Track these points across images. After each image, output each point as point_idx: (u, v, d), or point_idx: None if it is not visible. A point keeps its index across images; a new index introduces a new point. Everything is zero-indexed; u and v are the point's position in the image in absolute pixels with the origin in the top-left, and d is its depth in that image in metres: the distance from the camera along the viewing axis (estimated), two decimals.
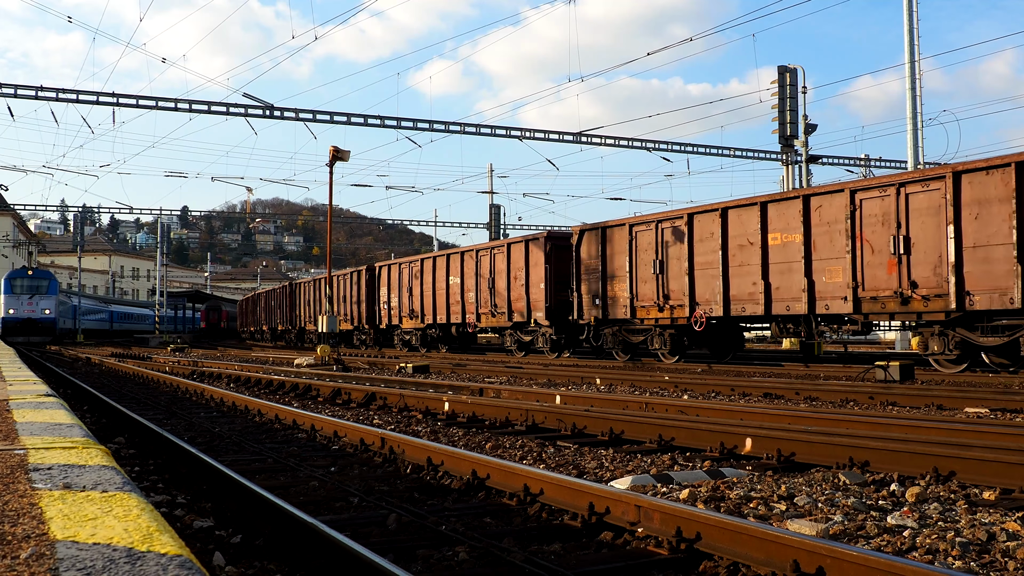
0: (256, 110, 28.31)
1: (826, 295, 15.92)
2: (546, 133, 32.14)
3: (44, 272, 54.45)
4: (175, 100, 27.90)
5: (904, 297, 14.64)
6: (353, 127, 36.07)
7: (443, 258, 27.97)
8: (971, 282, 13.72)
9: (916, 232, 14.54)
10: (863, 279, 15.33)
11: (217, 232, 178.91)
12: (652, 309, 19.58)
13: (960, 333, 14.12)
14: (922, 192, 14.48)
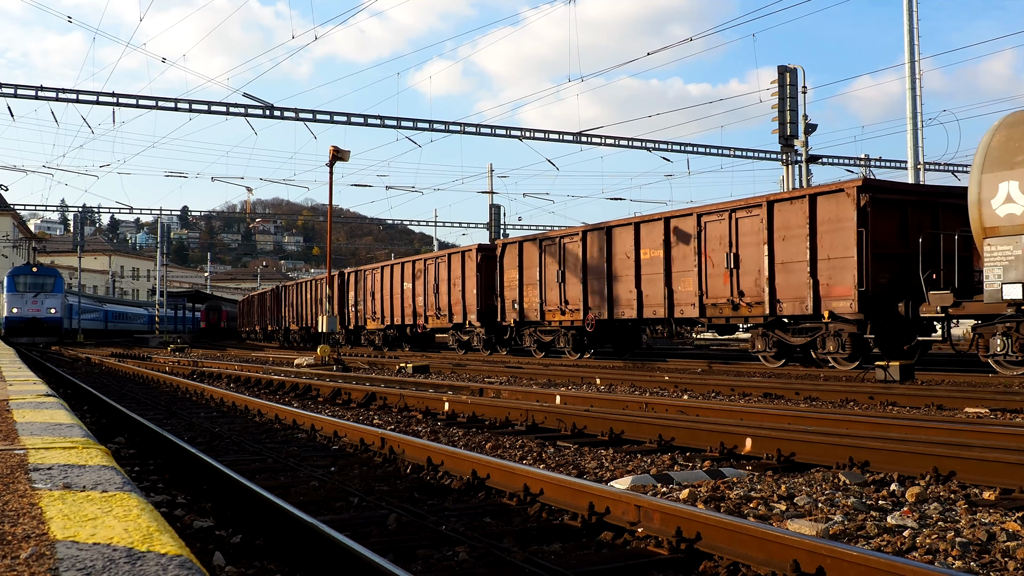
0: (256, 110, 28.32)
1: (681, 302, 18.79)
2: (546, 133, 32.15)
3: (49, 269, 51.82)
4: (175, 100, 27.91)
5: (735, 304, 17.48)
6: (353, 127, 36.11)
7: (399, 266, 31.17)
8: (780, 292, 16.47)
9: (743, 250, 17.30)
10: (707, 289, 18.10)
11: (217, 232, 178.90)
12: (556, 313, 22.60)
13: (777, 334, 16.88)
14: (747, 217, 17.16)
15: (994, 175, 13.19)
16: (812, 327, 16.03)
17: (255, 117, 28.35)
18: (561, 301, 22.28)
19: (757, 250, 16.85)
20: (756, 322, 17.25)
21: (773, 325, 16.90)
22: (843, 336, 15.45)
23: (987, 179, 13.24)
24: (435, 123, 30.76)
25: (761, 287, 16.71)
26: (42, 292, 48.17)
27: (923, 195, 16.23)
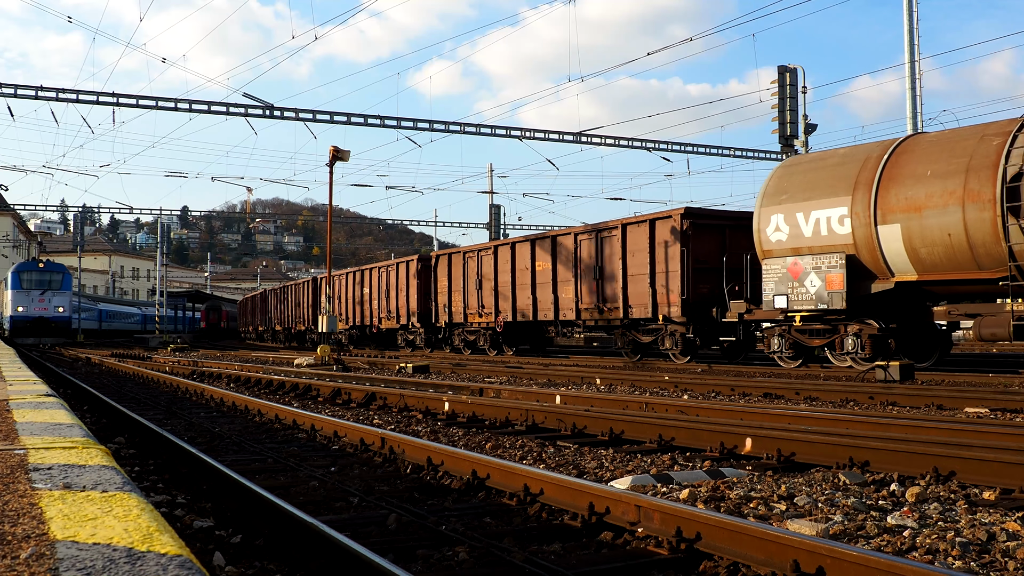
0: (256, 110, 28.30)
1: (564, 307, 22.20)
2: (546, 133, 32.13)
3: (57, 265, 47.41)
4: (175, 100, 27.89)
5: (600, 309, 20.82)
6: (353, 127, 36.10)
7: (359, 272, 34.92)
8: (631, 300, 19.74)
9: (606, 265, 20.63)
10: (581, 296, 21.47)
11: (217, 232, 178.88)
12: (475, 316, 26.05)
13: (632, 334, 20.33)
14: (608, 237, 20.53)
15: (768, 209, 16.51)
16: (655, 328, 19.47)
17: (255, 117, 28.35)
18: (479, 305, 25.81)
19: (616, 265, 20.16)
20: (615, 324, 20.65)
21: (629, 326, 20.29)
22: (676, 335, 18.86)
23: (763, 212, 16.57)
24: (435, 123, 30.75)
25: (618, 295, 20.04)
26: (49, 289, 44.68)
27: (737, 219, 19.00)
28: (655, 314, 18.99)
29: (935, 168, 14.12)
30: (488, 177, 48.09)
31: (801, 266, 15.76)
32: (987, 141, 13.70)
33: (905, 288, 14.87)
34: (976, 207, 13.41)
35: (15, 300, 44.28)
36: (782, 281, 16.06)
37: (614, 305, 20.19)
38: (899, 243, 14.52)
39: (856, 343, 15.38)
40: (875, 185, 14.77)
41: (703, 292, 18.30)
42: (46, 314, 44.29)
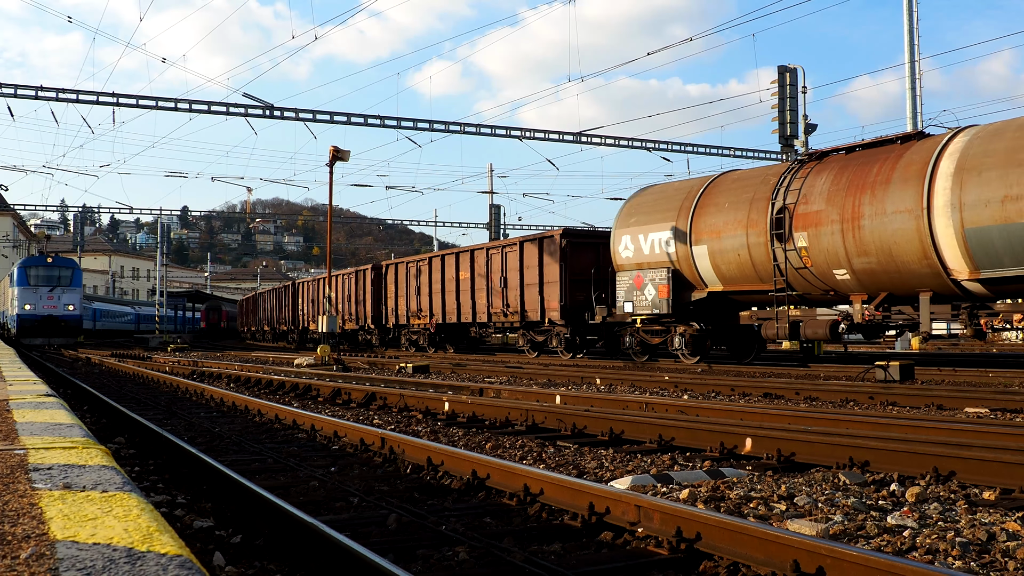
0: (256, 110, 28.29)
1: (480, 311, 25.31)
2: (546, 133, 32.13)
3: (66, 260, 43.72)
4: (175, 100, 27.88)
5: (505, 313, 24.02)
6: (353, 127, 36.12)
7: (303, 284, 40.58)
8: (527, 305, 23.06)
9: (509, 276, 23.82)
10: (491, 302, 24.65)
11: (217, 232, 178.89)
12: (415, 318, 29.43)
13: (530, 334, 23.77)
14: (511, 252, 23.86)
15: (620, 231, 19.93)
16: (545, 329, 22.92)
17: (255, 117, 28.33)
18: (417, 309, 29.17)
19: (515, 276, 23.45)
20: (517, 326, 24.13)
21: (528, 327, 23.64)
22: (560, 335, 22.32)
23: (617, 233, 20.03)
24: (435, 123, 30.74)
25: (518, 302, 23.34)
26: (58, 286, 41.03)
27: (606, 239, 21.23)
28: (543, 317, 22.50)
29: (731, 201, 17.50)
30: (488, 177, 48.10)
31: (642, 278, 19.28)
32: (767, 180, 16.97)
33: (716, 296, 18.08)
34: (755, 233, 16.75)
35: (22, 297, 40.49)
36: (629, 290, 19.59)
37: (515, 309, 23.52)
38: (707, 260, 17.86)
39: (682, 341, 18.73)
40: (691, 213, 18.20)
41: (579, 299, 21.55)
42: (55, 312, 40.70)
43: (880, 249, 14.63)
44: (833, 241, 15.34)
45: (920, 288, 14.46)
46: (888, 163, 14.79)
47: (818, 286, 16.02)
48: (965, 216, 13.29)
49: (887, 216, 14.43)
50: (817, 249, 15.62)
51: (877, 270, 14.85)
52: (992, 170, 13.03)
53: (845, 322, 15.75)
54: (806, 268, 15.89)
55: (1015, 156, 12.79)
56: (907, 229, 14.08)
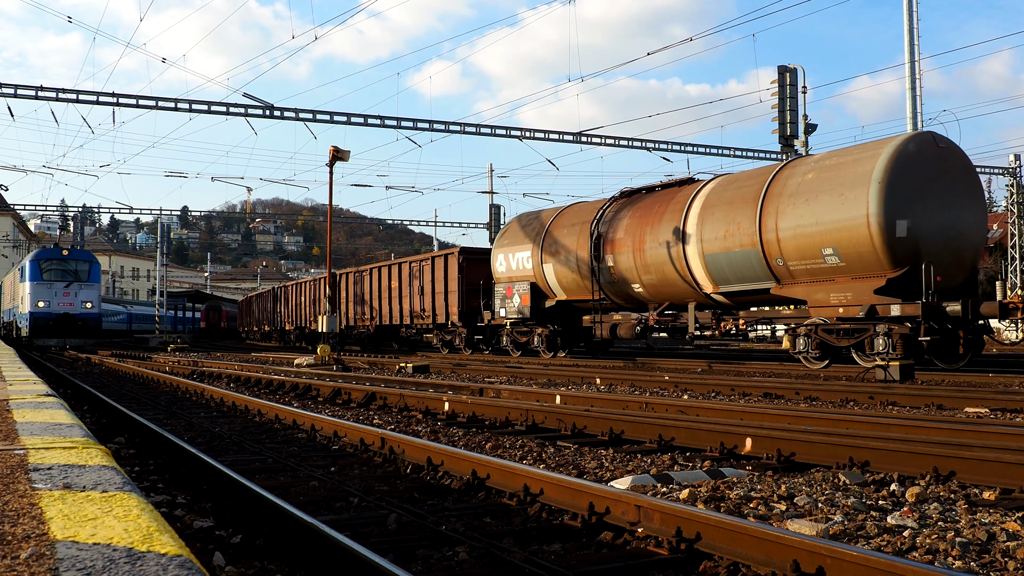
0: (256, 110, 28.28)
1: (406, 314, 29.80)
2: (546, 133, 32.11)
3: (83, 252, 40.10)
4: (175, 100, 27.87)
5: (423, 316, 28.46)
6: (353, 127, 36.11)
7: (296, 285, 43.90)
8: (437, 309, 27.47)
9: (426, 285, 28.22)
10: (413, 306, 29.27)
11: (217, 232, 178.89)
12: (360, 320, 34.17)
13: (442, 333, 27.95)
14: (426, 265, 28.20)
15: (497, 250, 24.76)
16: (451, 329, 27.15)
17: (255, 117, 28.32)
18: (363, 313, 33.72)
19: (429, 285, 27.92)
20: (431, 327, 28.46)
21: (438, 328, 27.94)
22: (461, 335, 26.81)
23: (495, 252, 24.87)
24: (435, 123, 30.73)
25: (431, 307, 27.75)
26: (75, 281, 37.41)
27: None
28: (447, 320, 26.88)
29: (568, 229, 21.92)
30: (488, 177, 48.10)
31: (512, 289, 23.63)
32: (592, 213, 21.47)
33: (562, 304, 22.52)
34: (583, 254, 21.12)
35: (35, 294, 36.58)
36: (503, 299, 24.04)
37: (429, 313, 27.95)
38: (554, 276, 22.40)
39: (539, 340, 23.23)
40: (543, 238, 22.76)
41: (474, 305, 25.93)
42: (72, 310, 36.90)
43: (657, 269, 18.92)
44: (629, 262, 19.68)
45: (687, 299, 18.62)
46: (664, 203, 19.14)
47: (624, 297, 20.45)
48: (704, 246, 17.50)
49: (660, 244, 18.72)
50: (620, 268, 19.96)
51: (658, 285, 19.15)
52: (719, 211, 17.28)
53: (640, 325, 19.90)
54: (614, 283, 20.34)
55: (731, 202, 17.10)
56: (672, 255, 18.34)
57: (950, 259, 14.66)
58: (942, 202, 14.73)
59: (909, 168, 14.46)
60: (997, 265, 53.46)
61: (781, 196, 15.95)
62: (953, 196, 14.91)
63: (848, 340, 15.01)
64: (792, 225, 15.57)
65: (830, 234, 14.90)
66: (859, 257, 14.64)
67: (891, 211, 14.20)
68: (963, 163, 15.33)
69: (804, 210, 15.36)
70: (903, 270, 14.28)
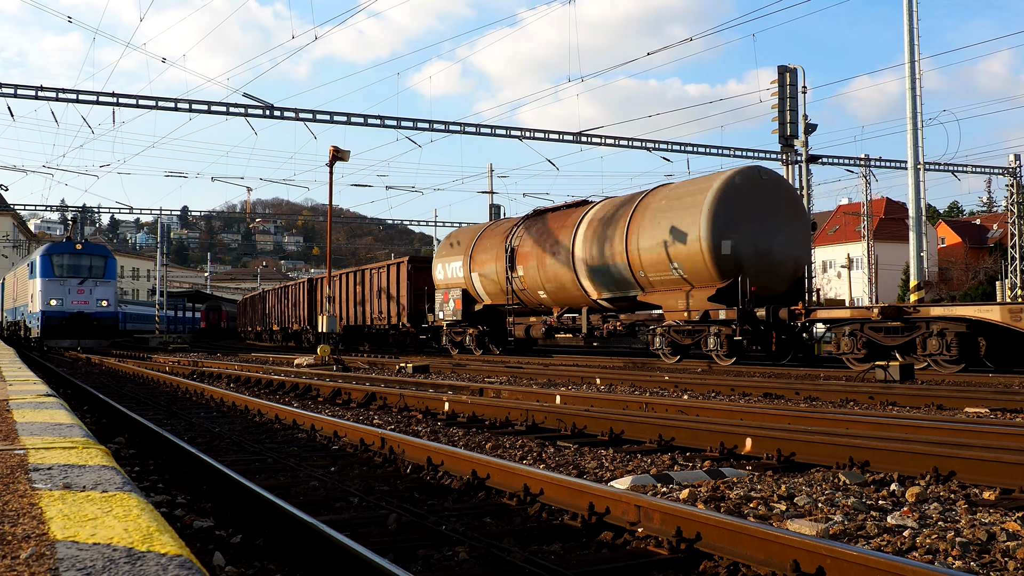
0: (256, 110, 28.28)
1: (368, 316, 33.05)
2: (546, 133, 32.10)
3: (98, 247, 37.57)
4: (175, 100, 27.86)
5: (381, 318, 31.64)
6: (353, 127, 36.12)
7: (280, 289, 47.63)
8: (392, 312, 30.81)
9: (381, 290, 31.40)
10: (374, 309, 32.33)
11: (217, 232, 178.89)
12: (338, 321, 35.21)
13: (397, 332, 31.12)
14: (383, 272, 31.52)
15: (436, 260, 28.05)
16: (404, 331, 30.59)
17: (255, 117, 28.31)
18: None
19: (386, 290, 31.12)
20: (387, 327, 31.66)
21: (395, 328, 31.18)
22: (411, 335, 30.24)
23: (435, 262, 28.17)
24: (435, 123, 30.72)
25: (386, 309, 31.19)
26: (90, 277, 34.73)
27: None
28: (399, 321, 30.30)
29: (490, 243, 25.29)
30: (488, 177, 48.06)
31: (448, 295, 26.87)
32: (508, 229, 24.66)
33: (488, 308, 25.71)
34: (500, 264, 24.42)
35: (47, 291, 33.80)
36: (441, 303, 27.19)
37: (385, 315, 31.29)
38: (479, 284, 25.57)
39: (471, 339, 26.25)
40: (471, 250, 26.05)
41: (420, 308, 29.02)
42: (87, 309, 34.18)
43: (556, 280, 22.13)
44: (535, 273, 22.91)
45: (581, 304, 21.94)
46: (561, 222, 22.36)
47: (533, 302, 23.69)
48: (589, 260, 20.73)
49: (557, 258, 21.89)
50: (528, 278, 23.26)
51: (558, 292, 22.35)
52: (599, 231, 20.42)
53: (545, 326, 23.21)
54: (524, 290, 23.61)
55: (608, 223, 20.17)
56: (566, 267, 21.53)
57: (770, 273, 17.78)
58: (763, 226, 17.78)
59: (734, 198, 17.63)
60: (997, 265, 53.41)
61: (642, 220, 19.17)
62: (774, 221, 17.99)
63: (690, 339, 18.29)
64: (649, 244, 18.86)
65: (675, 252, 18.22)
66: (696, 271, 17.85)
67: (717, 233, 17.39)
68: (787, 193, 18.91)
69: (657, 232, 18.67)
70: (729, 282, 17.29)
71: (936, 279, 58.98)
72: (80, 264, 35.03)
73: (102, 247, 38.19)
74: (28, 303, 35.99)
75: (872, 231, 49.53)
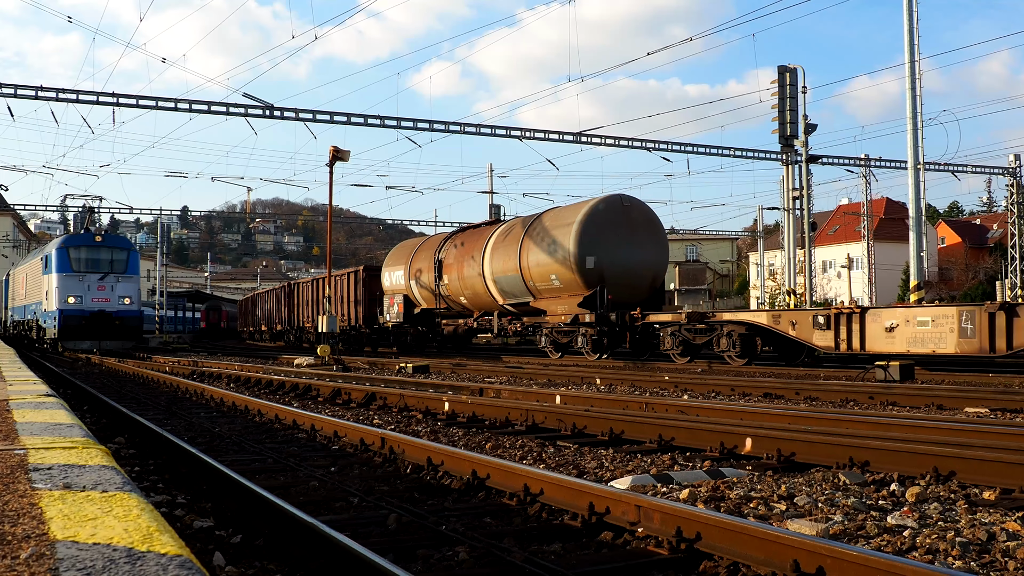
0: (256, 110, 28.27)
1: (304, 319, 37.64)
2: (546, 133, 32.11)
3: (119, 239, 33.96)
4: (175, 100, 27.86)
5: (344, 319, 33.66)
6: (353, 127, 36.05)
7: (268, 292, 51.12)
8: (352, 315, 33.37)
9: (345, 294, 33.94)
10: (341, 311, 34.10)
11: (217, 232, 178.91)
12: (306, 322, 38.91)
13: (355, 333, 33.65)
14: (344, 279, 34.34)
15: (383, 269, 31.31)
16: (360, 331, 33.25)
17: (255, 117, 28.30)
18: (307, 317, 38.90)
19: (345, 295, 33.93)
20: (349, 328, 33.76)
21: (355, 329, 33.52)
22: (365, 335, 32.87)
23: (383, 271, 31.32)
24: (435, 123, 30.72)
25: (347, 312, 33.80)
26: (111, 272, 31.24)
27: None
28: (357, 323, 33.22)
29: (425, 254, 28.38)
30: (488, 177, 48.06)
31: (393, 300, 30.20)
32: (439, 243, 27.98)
33: (425, 311, 29.02)
34: (431, 274, 27.54)
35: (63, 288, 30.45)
36: (388, 307, 30.51)
37: (346, 317, 33.88)
38: (416, 291, 28.90)
39: (411, 338, 30.07)
40: (410, 260, 29.24)
41: (374, 311, 31.92)
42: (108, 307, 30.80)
43: (472, 288, 25.37)
44: (456, 282, 26.14)
45: (493, 308, 25.18)
46: (476, 238, 25.86)
47: (457, 306, 26.98)
48: (494, 271, 24.10)
49: (473, 268, 25.14)
50: (452, 286, 26.47)
51: (474, 298, 25.64)
52: (502, 247, 23.99)
53: (466, 326, 26.89)
54: (449, 296, 26.90)
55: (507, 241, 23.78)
56: (479, 277, 24.76)
57: (630, 284, 21.27)
58: (623, 244, 21.22)
59: (598, 221, 21.10)
60: (997, 265, 53.40)
61: (531, 239, 22.57)
62: (633, 240, 21.43)
63: (567, 338, 22.10)
64: (536, 260, 22.29)
65: (553, 266, 21.64)
66: (568, 282, 21.33)
67: (583, 251, 20.88)
68: (644, 215, 22.07)
69: (541, 249, 22.12)
70: (593, 291, 20.74)
71: (936, 279, 59.00)
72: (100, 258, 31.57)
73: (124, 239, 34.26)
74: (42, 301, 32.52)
75: (872, 231, 49.56)
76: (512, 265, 23.14)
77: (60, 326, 30.32)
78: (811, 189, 30.61)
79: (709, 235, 70.18)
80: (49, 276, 31.46)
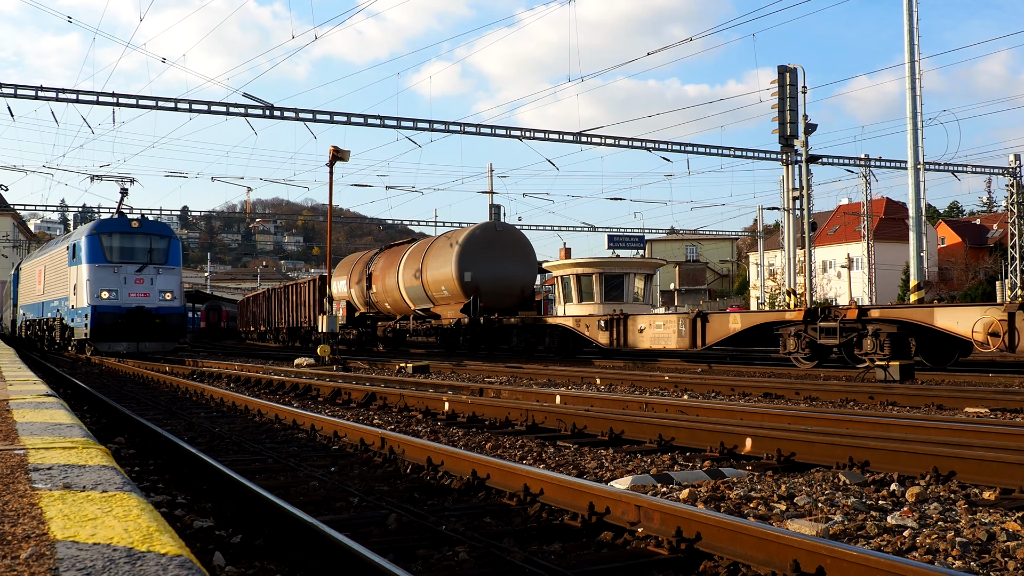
0: (256, 110, 28.27)
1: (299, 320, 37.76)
2: (546, 133, 32.11)
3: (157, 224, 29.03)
4: (175, 100, 27.85)
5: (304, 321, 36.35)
6: (353, 127, 36.11)
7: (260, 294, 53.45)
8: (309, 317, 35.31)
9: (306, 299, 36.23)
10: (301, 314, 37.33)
11: (217, 232, 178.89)
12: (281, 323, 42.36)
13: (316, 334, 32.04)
14: (307, 285, 36.49)
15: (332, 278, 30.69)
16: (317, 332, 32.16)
17: (255, 117, 28.31)
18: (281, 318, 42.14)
19: (306, 300, 36.14)
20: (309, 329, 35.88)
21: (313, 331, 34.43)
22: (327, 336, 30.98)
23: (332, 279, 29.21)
24: (435, 123, 30.72)
25: (308, 315, 35.56)
26: (150, 263, 26.80)
27: None
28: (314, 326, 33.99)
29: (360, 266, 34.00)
30: (488, 177, 48.08)
31: (340, 305, 32.68)
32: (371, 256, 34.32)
33: (363, 315, 33.67)
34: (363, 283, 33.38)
35: (96, 280, 26.10)
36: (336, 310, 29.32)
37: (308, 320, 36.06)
38: (356, 297, 33.84)
39: (356, 337, 33.05)
40: (351, 272, 34.63)
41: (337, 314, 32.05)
42: (147, 303, 26.57)
43: (392, 295, 30.98)
44: (381, 290, 31.73)
45: (409, 313, 30.20)
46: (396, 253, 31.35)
47: (384, 311, 32.32)
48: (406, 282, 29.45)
49: (392, 280, 30.70)
50: (379, 293, 32.06)
51: (395, 304, 31.06)
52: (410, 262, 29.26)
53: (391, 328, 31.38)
54: (378, 302, 32.33)
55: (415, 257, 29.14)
56: (396, 288, 30.30)
57: (501, 293, 26.92)
58: (494, 261, 26.86)
59: (474, 243, 26.79)
60: (997, 265, 53.40)
61: (430, 256, 28.15)
62: (503, 258, 27.12)
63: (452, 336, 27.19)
64: (433, 274, 27.81)
65: (442, 280, 27.34)
66: (453, 292, 26.93)
67: (462, 267, 26.50)
68: (514, 239, 28.09)
69: (436, 264, 27.71)
70: (470, 299, 26.24)
71: (936, 279, 59.01)
72: (137, 247, 27.00)
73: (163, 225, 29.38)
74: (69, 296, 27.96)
75: (872, 231, 49.55)
76: (418, 278, 28.76)
77: (93, 325, 26.00)
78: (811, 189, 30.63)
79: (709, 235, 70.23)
80: (78, 267, 26.93)
